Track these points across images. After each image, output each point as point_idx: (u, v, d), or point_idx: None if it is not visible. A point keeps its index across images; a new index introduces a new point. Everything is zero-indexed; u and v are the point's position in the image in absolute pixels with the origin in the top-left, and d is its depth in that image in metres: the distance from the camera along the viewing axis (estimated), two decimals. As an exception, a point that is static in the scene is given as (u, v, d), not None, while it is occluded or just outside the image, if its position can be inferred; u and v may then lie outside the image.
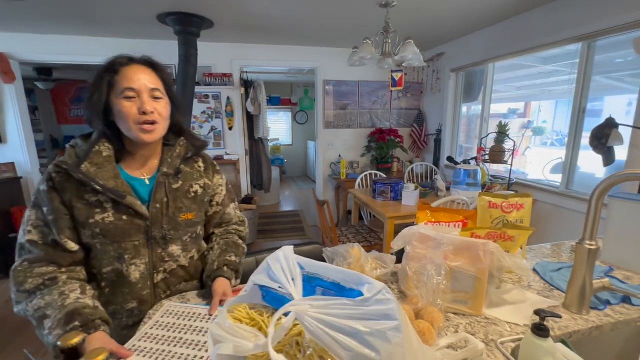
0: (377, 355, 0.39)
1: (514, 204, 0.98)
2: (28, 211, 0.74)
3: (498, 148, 2.51)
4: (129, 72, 0.74)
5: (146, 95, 0.74)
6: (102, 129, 0.77)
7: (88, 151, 0.74)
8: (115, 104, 0.74)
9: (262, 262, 0.54)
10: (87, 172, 0.72)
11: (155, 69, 0.79)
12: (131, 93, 0.73)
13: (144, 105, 0.73)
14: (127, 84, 0.73)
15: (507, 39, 2.66)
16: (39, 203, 0.73)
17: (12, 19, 2.54)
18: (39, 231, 0.72)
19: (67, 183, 0.73)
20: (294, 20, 2.65)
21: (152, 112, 0.75)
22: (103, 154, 0.76)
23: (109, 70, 0.74)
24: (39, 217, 0.73)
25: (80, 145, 0.77)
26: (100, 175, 0.73)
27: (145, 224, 0.78)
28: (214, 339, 0.48)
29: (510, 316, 0.78)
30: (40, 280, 0.70)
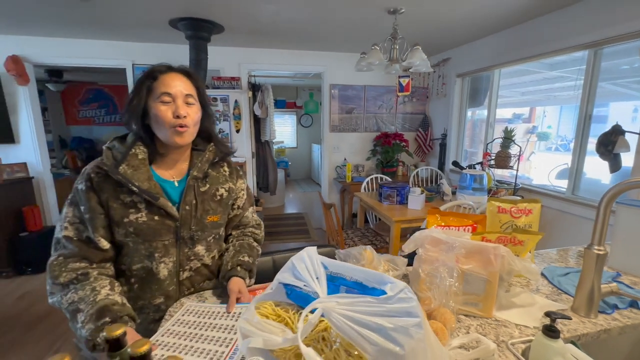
0: (402, 349, 0.41)
1: (522, 210, 1.01)
2: (65, 208, 0.79)
3: (504, 153, 2.53)
4: (166, 79, 0.80)
5: (181, 101, 0.80)
6: (138, 131, 0.82)
7: (126, 154, 0.79)
8: (152, 107, 0.79)
9: (287, 262, 0.57)
10: (124, 173, 0.77)
11: (191, 77, 0.84)
12: (167, 98, 0.78)
13: (179, 109, 0.78)
14: (165, 89, 0.78)
15: (514, 46, 2.69)
16: (76, 201, 0.78)
17: (29, 23, 2.60)
18: (75, 228, 0.77)
19: (105, 184, 0.77)
20: (302, 26, 2.70)
21: (185, 117, 0.79)
22: (139, 157, 0.80)
23: (149, 77, 0.80)
24: (75, 215, 0.77)
25: (118, 147, 0.82)
26: (136, 177, 0.78)
27: (175, 224, 0.83)
28: (243, 333, 0.51)
29: (519, 319, 0.80)
30: (74, 275, 0.74)
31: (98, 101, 5.91)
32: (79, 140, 5.87)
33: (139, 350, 0.40)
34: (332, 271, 0.54)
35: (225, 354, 0.63)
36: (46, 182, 3.23)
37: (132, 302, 0.85)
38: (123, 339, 0.45)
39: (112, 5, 2.21)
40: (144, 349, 0.41)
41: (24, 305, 2.38)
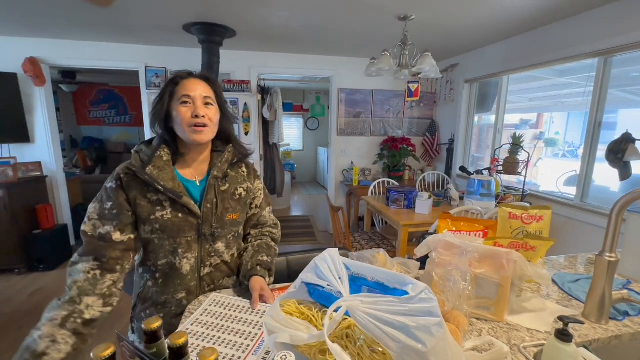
0: (424, 347, 0.44)
1: (533, 216, 1.02)
2: (91, 205, 0.83)
3: (512, 159, 2.54)
4: (187, 83, 0.86)
5: (200, 102, 0.85)
6: (162, 133, 0.88)
7: (152, 156, 0.85)
8: (173, 109, 0.85)
9: (310, 262, 0.59)
10: (151, 174, 0.82)
11: (209, 82, 0.90)
12: (187, 99, 0.84)
13: (197, 110, 0.84)
14: (185, 92, 0.84)
15: (523, 52, 2.70)
16: (102, 198, 0.83)
17: (46, 26, 2.68)
18: (92, 224, 0.80)
19: (134, 183, 0.83)
20: (312, 31, 2.74)
21: (204, 117, 0.84)
22: (164, 159, 0.86)
23: (171, 83, 0.87)
24: (96, 211, 0.81)
25: (145, 150, 0.88)
26: (162, 177, 0.83)
27: (197, 221, 0.87)
28: (269, 329, 0.54)
29: (531, 323, 0.82)
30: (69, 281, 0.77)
31: (108, 102, 6.02)
32: (90, 140, 5.97)
33: (177, 342, 0.43)
34: (354, 272, 0.57)
35: (250, 347, 0.66)
36: (59, 181, 3.30)
37: (157, 296, 0.89)
38: (159, 332, 0.48)
39: (129, 9, 2.27)
40: (182, 341, 0.43)
41: (36, 301, 2.43)
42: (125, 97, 6.02)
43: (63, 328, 0.69)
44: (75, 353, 0.71)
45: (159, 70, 3.27)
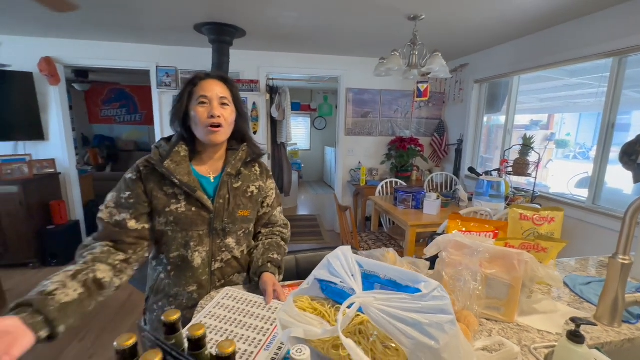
0: (437, 344, 0.44)
1: (545, 217, 1.01)
2: (109, 194, 0.87)
3: (522, 160, 2.51)
4: (205, 84, 0.89)
5: (216, 103, 0.88)
6: (180, 131, 0.91)
7: (170, 151, 0.89)
8: (191, 109, 0.88)
9: (323, 260, 0.60)
10: (168, 167, 0.86)
11: (226, 82, 0.93)
12: (204, 100, 0.87)
13: (213, 110, 0.87)
14: (202, 93, 0.87)
15: (535, 52, 2.67)
16: (120, 188, 0.86)
17: (61, 26, 2.74)
18: (109, 212, 0.84)
19: (152, 176, 0.87)
20: (321, 31, 2.75)
21: (219, 117, 0.87)
22: (181, 154, 0.89)
23: (190, 83, 0.90)
24: (113, 200, 0.85)
25: (164, 146, 0.91)
26: (178, 171, 0.86)
27: (209, 216, 0.90)
28: (282, 324, 0.55)
29: (542, 325, 0.81)
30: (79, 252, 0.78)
31: (119, 101, 6.11)
32: (101, 138, 6.08)
33: (195, 334, 0.45)
34: (366, 269, 0.57)
35: (262, 342, 0.67)
36: (72, 178, 3.37)
37: (169, 288, 0.92)
38: (178, 324, 0.49)
39: (142, 10, 2.31)
40: (200, 333, 0.45)
41: (50, 295, 2.49)
42: (136, 96, 6.11)
43: (74, 279, 0.69)
44: (81, 304, 0.68)
45: (169, 69, 3.32)
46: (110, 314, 2.23)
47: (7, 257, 2.79)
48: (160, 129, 3.44)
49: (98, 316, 2.20)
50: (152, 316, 0.95)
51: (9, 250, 2.81)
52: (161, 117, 3.42)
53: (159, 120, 3.42)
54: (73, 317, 0.66)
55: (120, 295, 2.48)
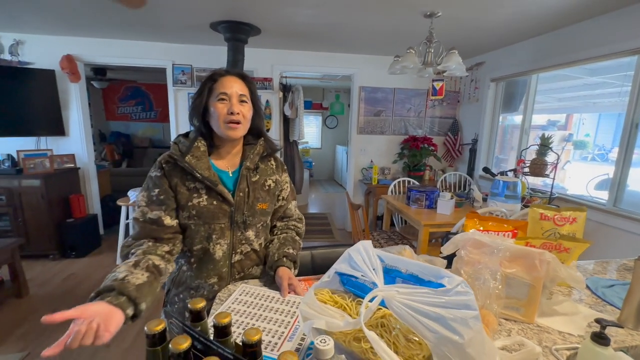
0: (461, 338, 0.44)
1: (566, 218, 0.99)
2: (139, 194, 0.90)
3: (540, 161, 2.46)
4: (225, 81, 0.91)
5: (235, 100, 0.90)
6: (199, 126, 0.93)
7: (190, 146, 0.90)
8: (211, 105, 0.90)
9: (344, 253, 0.61)
10: (189, 162, 0.88)
11: (245, 80, 0.95)
12: (224, 97, 0.89)
13: (233, 107, 0.89)
14: (222, 90, 0.89)
15: (555, 50, 2.60)
16: (148, 187, 0.89)
17: (82, 25, 2.81)
18: (141, 210, 0.87)
19: (174, 171, 0.89)
20: (336, 29, 2.74)
21: (238, 114, 0.89)
22: (200, 149, 0.91)
23: (210, 79, 0.92)
24: (144, 199, 0.88)
25: (183, 142, 0.93)
26: (199, 166, 0.89)
27: (230, 209, 0.92)
28: (304, 316, 0.56)
29: (563, 326, 0.80)
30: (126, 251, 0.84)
31: (135, 98, 6.25)
32: (117, 134, 6.22)
33: (222, 321, 0.46)
34: (388, 264, 0.57)
35: (284, 334, 0.68)
36: (90, 173, 3.46)
37: (190, 280, 0.94)
38: (203, 312, 0.50)
39: (160, 9, 2.35)
40: (226, 320, 0.46)
41: (69, 286, 2.57)
42: (151, 94, 6.23)
43: (137, 267, 0.76)
44: (151, 286, 0.76)
45: (185, 67, 3.37)
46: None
47: (29, 248, 2.89)
48: (176, 125, 3.50)
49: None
50: (172, 308, 0.98)
51: (31, 241, 2.91)
52: (176, 114, 3.48)
53: (174, 117, 3.48)
54: (149, 297, 0.74)
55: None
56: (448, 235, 1.46)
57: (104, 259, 3.07)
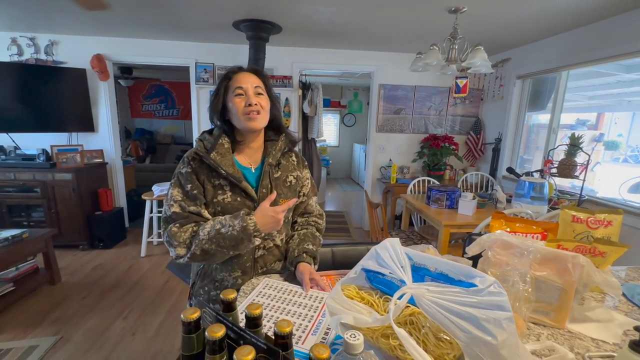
0: (494, 339, 0.43)
1: (601, 221, 0.95)
2: (171, 190, 0.92)
3: (569, 161, 2.35)
4: (239, 77, 0.94)
5: (252, 92, 0.92)
6: (220, 124, 0.96)
7: (215, 143, 0.93)
8: (229, 101, 0.93)
9: (371, 250, 0.61)
10: (215, 159, 0.90)
11: (259, 74, 0.98)
12: (240, 91, 0.92)
13: (250, 98, 0.91)
14: (238, 84, 0.92)
15: (587, 46, 2.48)
16: (181, 183, 0.92)
17: (111, 25, 2.93)
18: (179, 205, 0.90)
19: (201, 168, 0.92)
20: (357, 26, 2.72)
21: (256, 105, 0.91)
22: (225, 146, 0.94)
23: (225, 78, 0.95)
24: (179, 194, 0.91)
25: (208, 139, 0.96)
26: (223, 162, 0.91)
27: (253, 205, 0.94)
28: (331, 311, 0.56)
29: (597, 333, 0.76)
30: (191, 228, 0.88)
31: (159, 96, 6.44)
32: (142, 131, 6.45)
33: (254, 312, 0.47)
34: (416, 262, 0.57)
35: (308, 327, 0.69)
36: (117, 168, 3.60)
37: (215, 273, 0.97)
38: (234, 303, 0.52)
39: (185, 8, 2.41)
40: (258, 312, 0.47)
41: (97, 275, 2.70)
42: (174, 92, 6.41)
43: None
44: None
45: (207, 65, 3.44)
46: (150, 297, 2.37)
47: (61, 238, 3.04)
48: (198, 122, 3.58)
49: (139, 298, 2.35)
50: (198, 300, 1.00)
51: (63, 232, 3.07)
52: (199, 111, 3.56)
53: (197, 114, 3.56)
54: None
55: (159, 280, 2.63)
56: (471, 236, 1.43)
57: (129, 251, 3.20)
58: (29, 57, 3.22)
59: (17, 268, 2.29)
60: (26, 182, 2.98)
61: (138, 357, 1.78)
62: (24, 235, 2.26)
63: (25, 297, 2.30)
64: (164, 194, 3.00)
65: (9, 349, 1.79)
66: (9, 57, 3.18)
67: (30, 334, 1.94)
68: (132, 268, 2.84)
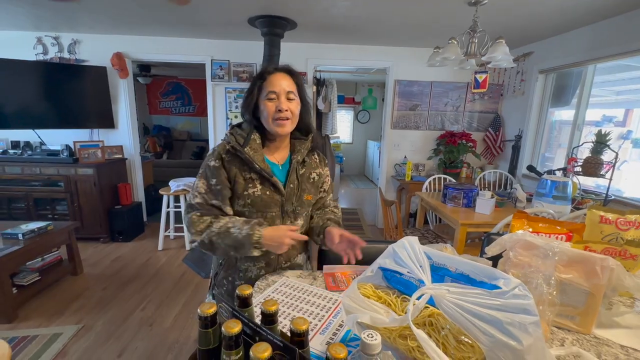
0: (519, 344, 0.41)
1: (632, 222, 0.90)
2: (197, 181, 0.97)
3: (595, 159, 2.25)
4: (273, 78, 0.95)
5: (283, 97, 0.94)
6: (250, 120, 0.99)
7: (248, 139, 0.96)
8: (261, 103, 0.96)
9: (388, 248, 0.59)
10: (248, 154, 0.94)
11: (293, 75, 0.98)
12: (273, 95, 0.94)
13: (281, 104, 0.93)
14: (271, 88, 0.94)
15: (616, 38, 2.35)
16: (207, 175, 0.96)
17: (131, 24, 2.99)
18: (202, 197, 0.94)
19: (234, 161, 0.96)
20: (373, 20, 2.68)
21: (287, 111, 0.94)
22: (257, 142, 0.97)
23: (259, 78, 0.97)
24: (204, 186, 0.95)
25: (240, 133, 0.99)
26: (256, 157, 0.95)
27: (281, 199, 0.98)
28: (346, 309, 0.55)
29: (626, 340, 0.73)
30: (209, 220, 0.93)
31: (176, 93, 6.56)
32: (159, 128, 6.59)
33: (270, 309, 0.46)
34: (435, 261, 0.55)
35: (318, 326, 0.69)
36: (136, 163, 3.70)
37: (240, 262, 0.99)
38: (250, 299, 0.52)
39: (202, 6, 2.43)
40: (274, 308, 0.47)
41: (117, 267, 2.78)
42: (190, 89, 6.51)
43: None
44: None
45: (223, 62, 3.47)
46: (166, 290, 2.43)
47: (83, 231, 3.15)
48: (213, 119, 3.61)
49: (156, 290, 2.41)
50: (221, 290, 1.03)
51: (84, 225, 3.18)
52: (214, 107, 3.60)
53: (212, 110, 3.60)
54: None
55: (175, 273, 2.69)
56: (490, 235, 1.39)
57: (147, 244, 3.28)
58: (53, 55, 3.33)
59: (42, 259, 2.39)
60: (51, 176, 3.10)
61: (155, 347, 1.83)
62: (49, 228, 2.35)
63: (49, 286, 2.40)
64: (181, 189, 3.05)
65: (36, 335, 1.88)
66: (35, 57, 3.30)
67: (54, 322, 2.02)
68: (150, 261, 2.92)
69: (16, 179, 3.09)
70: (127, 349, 1.81)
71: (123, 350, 1.80)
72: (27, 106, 3.12)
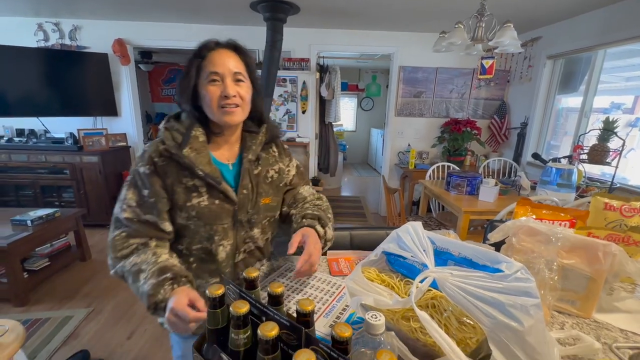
0: (520, 326, 0.42)
1: (636, 209, 0.90)
2: (125, 190, 0.77)
3: (602, 147, 2.23)
4: (215, 56, 0.76)
5: (229, 80, 0.76)
6: (192, 112, 0.79)
7: (187, 136, 0.77)
8: (202, 88, 0.77)
9: (392, 233, 0.60)
10: (189, 157, 0.75)
11: (239, 52, 0.80)
12: (216, 77, 0.75)
13: (227, 89, 0.75)
14: (212, 69, 0.75)
15: (629, 21, 2.29)
16: (137, 184, 0.77)
17: (131, 9, 2.94)
18: (132, 210, 0.75)
19: (169, 167, 0.76)
20: (377, 4, 2.61)
21: (235, 96, 0.76)
22: (199, 140, 0.78)
23: (197, 56, 0.77)
24: (134, 198, 0.76)
25: (177, 127, 0.79)
26: (199, 160, 0.76)
27: (233, 208, 0.81)
28: (351, 292, 0.57)
29: (626, 324, 0.74)
30: (135, 246, 0.75)
31: (177, 81, 6.51)
32: (162, 116, 6.57)
33: (276, 290, 0.48)
34: (439, 246, 0.56)
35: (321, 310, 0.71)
36: (139, 151, 3.70)
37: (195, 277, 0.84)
38: (256, 281, 0.53)
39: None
40: (279, 290, 0.48)
41: (124, 253, 2.83)
42: (192, 76, 6.44)
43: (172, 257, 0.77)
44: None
45: (225, 49, 3.42)
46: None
47: (89, 218, 3.20)
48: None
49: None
50: None
51: (90, 212, 3.22)
52: (216, 95, 3.57)
53: (215, 98, 3.58)
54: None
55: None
56: (493, 222, 1.40)
57: (152, 231, 3.33)
58: (54, 42, 3.31)
59: (51, 245, 2.44)
60: (56, 164, 3.12)
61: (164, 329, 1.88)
62: (57, 214, 2.39)
63: (59, 272, 2.46)
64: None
65: (48, 318, 1.94)
66: (36, 43, 3.28)
67: (65, 305, 2.08)
68: (156, 247, 2.96)
69: (23, 167, 3.12)
70: (136, 332, 1.86)
71: (132, 332, 1.86)
72: (30, 94, 3.12)
